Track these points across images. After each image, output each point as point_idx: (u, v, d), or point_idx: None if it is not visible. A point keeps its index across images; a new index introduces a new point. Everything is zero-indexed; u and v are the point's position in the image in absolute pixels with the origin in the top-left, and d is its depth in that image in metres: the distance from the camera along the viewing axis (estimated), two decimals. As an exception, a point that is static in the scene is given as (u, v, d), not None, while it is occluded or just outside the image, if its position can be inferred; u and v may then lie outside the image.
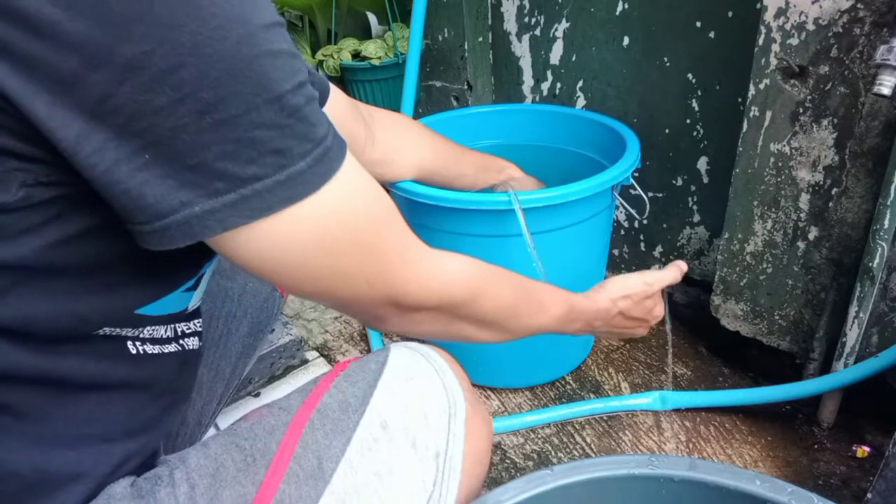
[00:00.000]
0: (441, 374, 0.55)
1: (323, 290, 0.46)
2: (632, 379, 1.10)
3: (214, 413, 0.76)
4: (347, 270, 0.45)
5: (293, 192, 0.39)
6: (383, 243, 0.47)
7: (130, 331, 0.48)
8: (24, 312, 0.40)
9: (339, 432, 0.50)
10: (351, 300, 0.48)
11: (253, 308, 0.81)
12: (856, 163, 0.80)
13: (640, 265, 1.26)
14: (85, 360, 0.45)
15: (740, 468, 0.49)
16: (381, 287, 0.48)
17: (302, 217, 0.40)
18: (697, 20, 0.98)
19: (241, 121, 0.36)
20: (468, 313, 0.55)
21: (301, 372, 1.17)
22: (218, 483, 0.47)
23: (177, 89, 0.34)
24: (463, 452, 0.52)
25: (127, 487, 0.47)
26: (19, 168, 0.36)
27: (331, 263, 0.44)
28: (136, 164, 0.35)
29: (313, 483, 0.48)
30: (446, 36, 1.34)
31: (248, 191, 0.37)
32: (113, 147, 0.35)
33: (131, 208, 0.37)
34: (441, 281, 0.52)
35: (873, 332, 0.88)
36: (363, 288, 0.47)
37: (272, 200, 0.38)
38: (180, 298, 0.51)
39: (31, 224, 0.37)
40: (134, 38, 0.33)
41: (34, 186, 0.36)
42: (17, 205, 0.36)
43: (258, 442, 0.49)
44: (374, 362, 0.56)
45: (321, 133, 0.40)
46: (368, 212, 0.45)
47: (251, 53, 0.36)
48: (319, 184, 0.40)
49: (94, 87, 0.33)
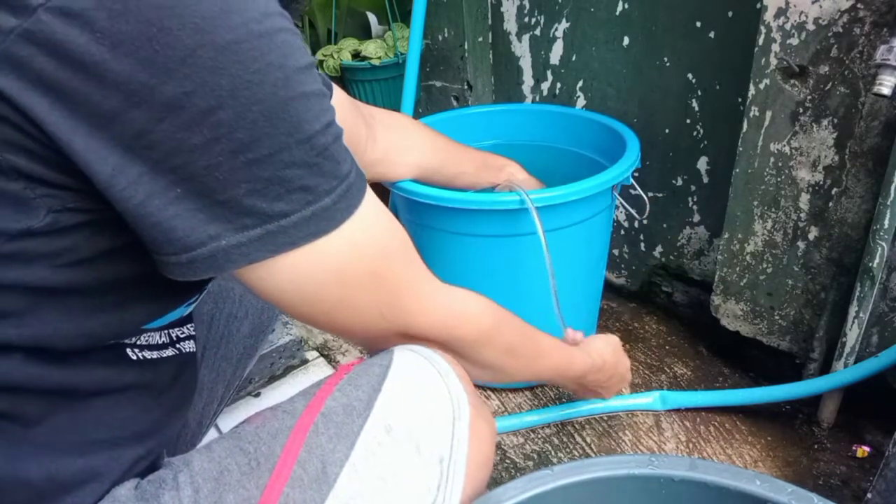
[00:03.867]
0: (445, 377, 0.55)
1: (337, 321, 0.48)
2: (632, 379, 1.10)
3: (215, 414, 0.76)
4: (363, 302, 0.47)
5: (318, 227, 0.41)
6: (398, 277, 0.48)
7: (128, 339, 0.49)
8: (42, 331, 0.40)
9: (343, 436, 0.50)
10: (363, 331, 0.50)
11: (254, 309, 0.81)
12: (856, 163, 0.80)
13: (639, 265, 1.26)
14: (92, 368, 0.45)
15: (740, 468, 0.49)
16: (392, 318, 0.50)
17: (324, 251, 0.42)
18: (697, 20, 0.98)
19: (272, 160, 0.37)
20: (471, 354, 0.57)
21: (301, 372, 1.17)
22: (222, 487, 0.47)
23: (213, 129, 0.35)
24: (467, 456, 0.52)
25: (131, 490, 0.47)
26: (48, 194, 0.37)
27: (348, 296, 0.46)
28: (168, 198, 0.36)
29: (317, 487, 0.47)
30: (446, 36, 1.34)
31: (275, 226, 0.39)
32: (147, 181, 0.36)
33: (161, 241, 0.38)
34: (452, 317, 0.54)
35: (873, 332, 0.88)
36: (375, 319, 0.49)
37: (297, 236, 0.40)
38: (181, 310, 0.52)
39: (55, 248, 0.38)
40: (176, 79, 0.34)
41: (61, 212, 0.37)
42: (44, 229, 0.37)
43: (262, 446, 0.49)
44: (377, 366, 0.56)
45: (345, 170, 0.42)
46: (386, 246, 0.47)
47: (286, 96, 0.37)
48: (343, 219, 0.42)
49: (133, 123, 0.34)
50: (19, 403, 0.42)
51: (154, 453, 0.51)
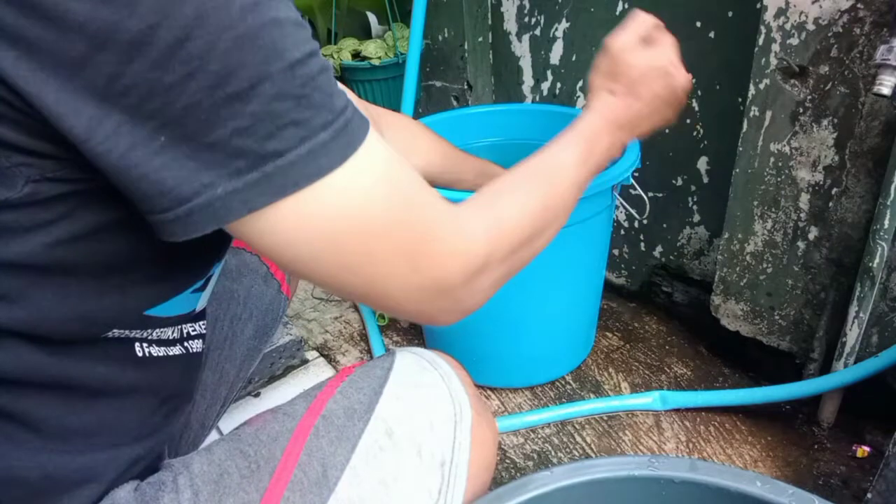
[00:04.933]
0: (447, 380, 0.55)
1: (365, 281, 0.42)
2: (632, 379, 1.10)
3: (218, 415, 0.76)
4: (386, 252, 0.41)
5: (317, 165, 0.37)
6: (418, 217, 0.43)
7: (139, 332, 0.47)
8: (36, 314, 0.39)
9: (344, 439, 0.50)
10: (396, 291, 0.43)
11: (258, 310, 0.81)
12: (856, 163, 0.80)
13: (639, 265, 1.26)
14: (94, 364, 0.44)
15: (741, 470, 0.49)
16: (424, 266, 0.43)
17: (329, 194, 0.38)
18: (697, 20, 0.98)
19: (254, 93, 0.35)
20: (515, 248, 0.51)
21: (301, 372, 1.17)
22: (221, 490, 0.47)
23: (185, 64, 0.33)
24: (468, 460, 0.52)
25: (131, 492, 0.47)
26: (24, 163, 0.35)
27: (367, 247, 0.41)
28: (152, 147, 0.34)
29: (318, 491, 0.47)
30: (446, 36, 1.34)
31: (270, 168, 0.36)
32: (127, 131, 0.34)
33: (151, 194, 0.35)
34: (488, 241, 0.47)
35: (873, 332, 0.88)
36: (404, 271, 0.42)
37: (296, 176, 0.36)
38: (189, 300, 0.51)
39: (38, 221, 0.37)
40: (138, 13, 0.32)
41: (40, 182, 0.36)
42: (23, 200, 0.36)
43: (262, 448, 0.49)
44: (379, 368, 0.56)
45: (340, 104, 0.38)
46: (399, 185, 0.41)
47: (257, 22, 0.34)
48: (344, 157, 0.38)
49: (102, 68, 0.32)
50: (20, 399, 0.41)
51: (154, 453, 0.51)
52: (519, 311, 1.00)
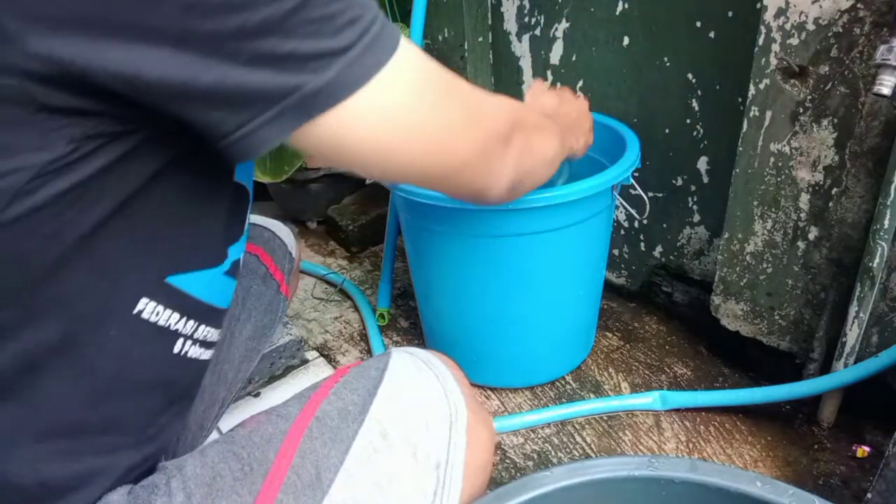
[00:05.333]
0: (442, 380, 0.55)
1: (443, 150, 0.49)
2: (632, 379, 1.10)
3: (217, 417, 0.76)
4: (454, 117, 0.49)
5: (380, 53, 0.42)
6: (459, 85, 0.51)
7: (188, 325, 0.49)
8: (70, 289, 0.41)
9: (337, 441, 0.49)
10: (468, 153, 0.51)
11: (257, 311, 0.80)
12: (856, 163, 0.80)
13: (639, 265, 1.26)
14: (131, 345, 0.45)
15: (741, 470, 0.49)
16: (479, 124, 0.52)
17: (395, 76, 0.43)
18: (697, 20, 0.98)
19: (313, 1, 0.38)
20: (526, 121, 0.61)
21: (301, 372, 1.17)
22: (214, 493, 0.46)
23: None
24: (464, 461, 0.52)
25: (124, 496, 0.46)
26: (68, 124, 0.36)
27: (439, 115, 0.48)
28: (239, 62, 0.37)
29: (311, 493, 0.47)
30: (446, 36, 1.34)
31: (345, 60, 0.40)
32: (215, 63, 0.36)
33: (250, 97, 0.38)
34: (502, 102, 0.58)
35: (873, 332, 0.88)
36: (470, 132, 0.51)
37: (367, 64, 0.41)
38: (224, 284, 0.53)
39: (79, 181, 0.38)
40: None
41: (82, 141, 0.37)
42: (66, 161, 0.37)
43: (256, 451, 0.49)
44: (374, 368, 0.55)
45: (374, 5, 0.43)
46: (436, 64, 0.49)
47: None
48: (394, 46, 0.43)
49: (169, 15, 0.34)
50: (36, 379, 0.41)
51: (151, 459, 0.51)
52: (519, 311, 1.00)
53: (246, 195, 0.56)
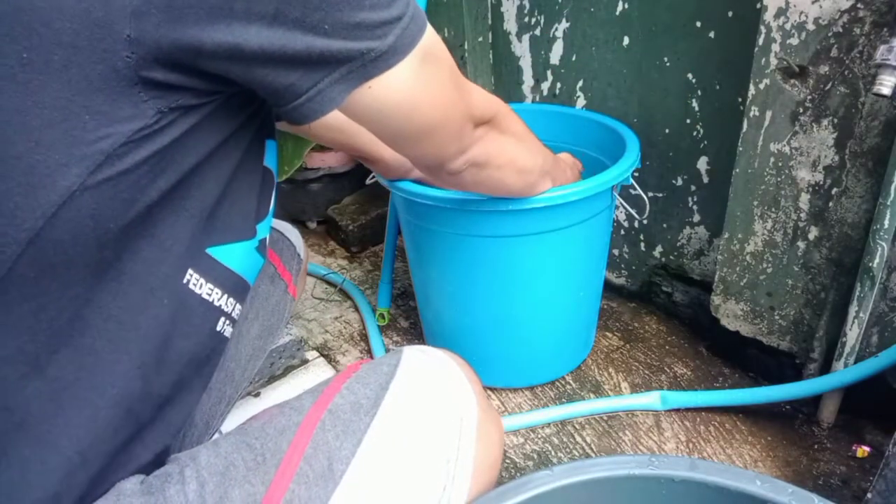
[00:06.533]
0: (453, 377, 0.56)
1: (448, 118, 0.56)
2: (632, 379, 1.10)
3: (223, 415, 0.76)
4: (454, 97, 0.55)
5: (421, 23, 0.49)
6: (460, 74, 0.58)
7: (228, 303, 0.53)
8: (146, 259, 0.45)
9: (350, 434, 0.50)
10: (462, 123, 0.59)
11: (264, 311, 0.81)
12: (856, 163, 0.80)
13: (639, 265, 1.26)
14: (179, 316, 0.49)
15: (741, 469, 0.49)
16: (464, 105, 0.58)
17: (429, 50, 0.49)
18: (697, 20, 0.98)
19: None
20: (507, 125, 0.67)
21: (301, 372, 1.17)
22: (227, 481, 0.47)
23: None
24: (473, 458, 0.52)
25: (137, 484, 0.47)
26: (156, 96, 0.41)
27: (451, 89, 0.54)
28: (320, 32, 0.43)
29: (323, 484, 0.48)
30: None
31: (400, 28, 0.46)
32: (301, 34, 0.42)
33: (328, 59, 0.44)
34: (488, 96, 0.65)
35: (873, 332, 0.88)
36: (463, 108, 0.58)
37: (413, 32, 0.48)
38: (255, 259, 0.57)
39: (157, 150, 0.42)
40: None
41: (165, 112, 0.42)
42: (153, 129, 0.41)
43: (269, 441, 0.49)
44: (386, 365, 0.56)
45: None
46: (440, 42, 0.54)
47: None
48: (425, 18, 0.50)
49: None
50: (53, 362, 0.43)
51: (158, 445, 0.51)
52: (519, 311, 1.00)
53: (272, 178, 0.61)
